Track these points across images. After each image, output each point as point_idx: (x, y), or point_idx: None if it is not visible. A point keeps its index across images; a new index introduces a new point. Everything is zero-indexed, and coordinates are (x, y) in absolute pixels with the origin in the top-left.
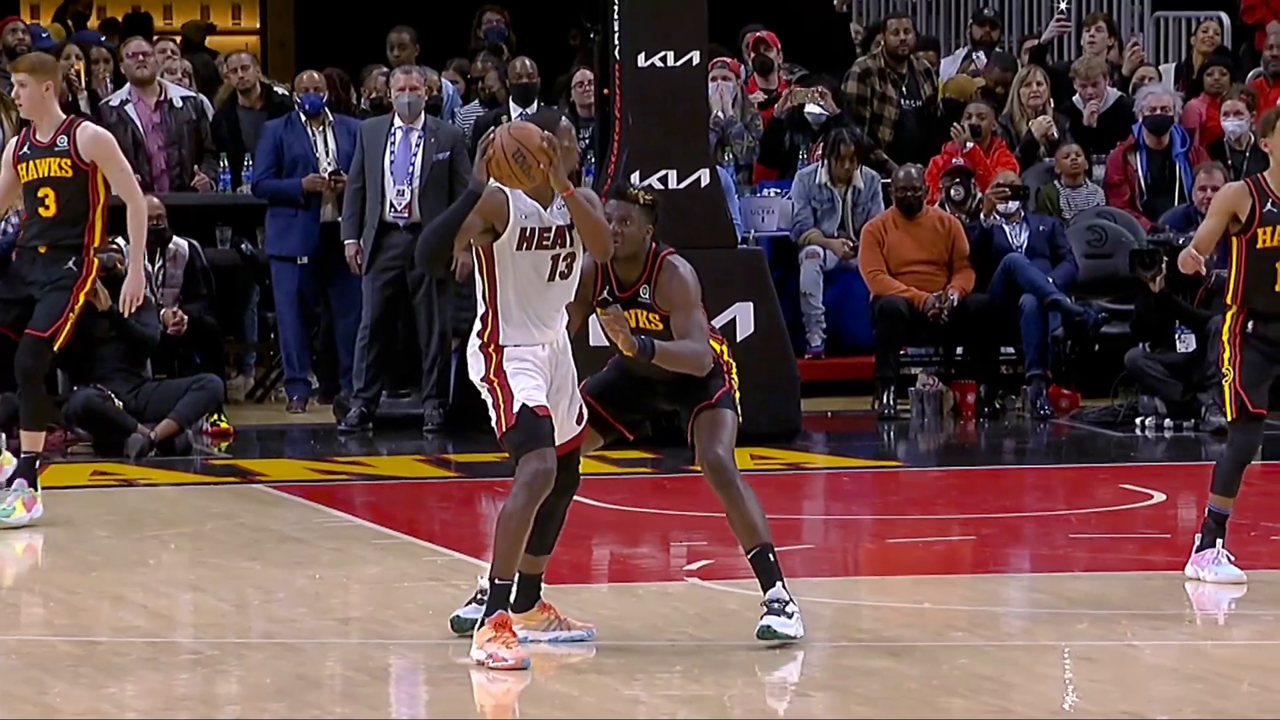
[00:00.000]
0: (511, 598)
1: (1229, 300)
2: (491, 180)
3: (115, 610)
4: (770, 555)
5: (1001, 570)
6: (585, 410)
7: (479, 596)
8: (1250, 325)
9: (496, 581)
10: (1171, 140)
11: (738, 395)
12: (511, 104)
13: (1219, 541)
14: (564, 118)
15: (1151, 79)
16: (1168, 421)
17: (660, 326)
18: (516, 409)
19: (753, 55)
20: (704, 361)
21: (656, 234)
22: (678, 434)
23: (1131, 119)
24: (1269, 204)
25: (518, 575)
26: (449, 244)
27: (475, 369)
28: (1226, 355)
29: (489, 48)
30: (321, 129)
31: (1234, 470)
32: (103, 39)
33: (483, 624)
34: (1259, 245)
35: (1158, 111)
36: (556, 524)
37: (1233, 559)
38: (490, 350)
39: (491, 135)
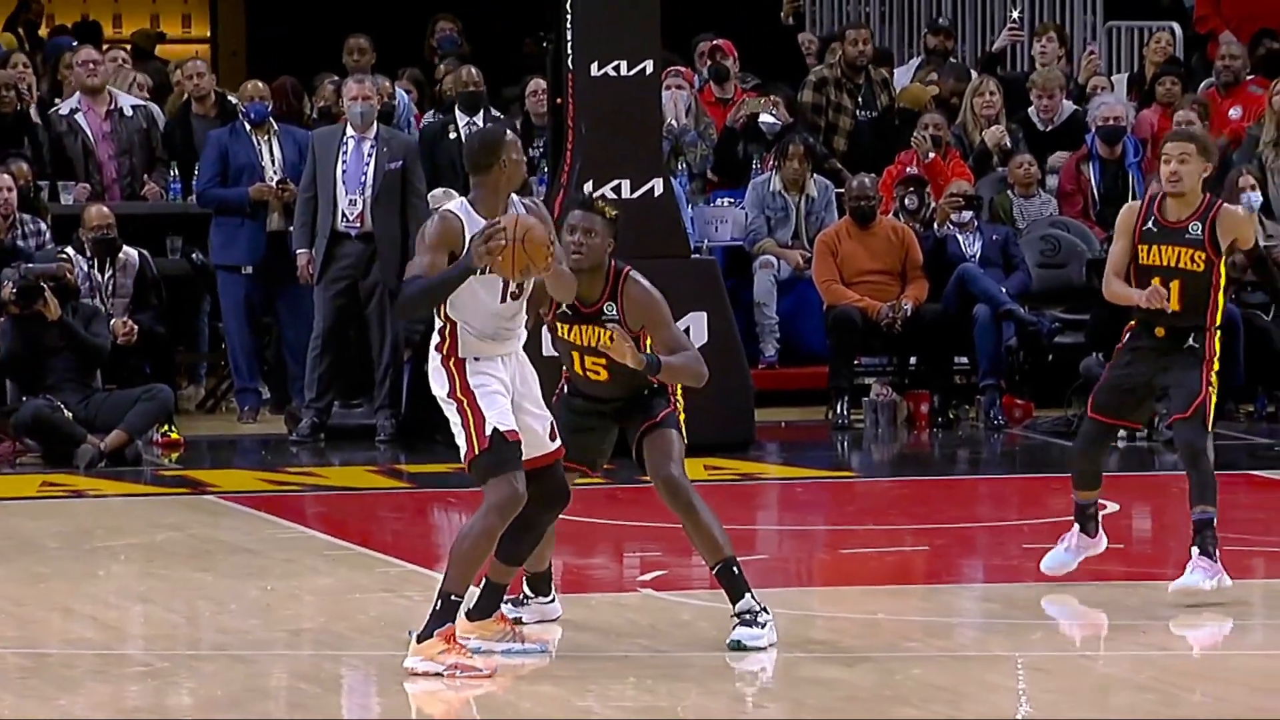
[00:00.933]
0: (460, 612)
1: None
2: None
3: (65, 622)
4: (735, 568)
5: (955, 581)
6: (555, 425)
7: (521, 597)
8: (1127, 335)
9: (451, 597)
10: (1124, 150)
11: (683, 416)
12: (459, 112)
13: (1073, 528)
14: (510, 130)
15: (1105, 89)
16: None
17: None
18: (489, 432)
19: (709, 64)
20: (703, 371)
21: (616, 250)
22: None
23: (1085, 129)
24: (1150, 222)
25: (485, 581)
26: (432, 308)
27: (438, 385)
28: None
29: (456, 55)
30: (267, 138)
31: (1076, 462)
32: (75, 43)
33: (429, 635)
34: (1140, 261)
35: (1110, 122)
36: (534, 537)
37: (1070, 552)
38: (451, 365)
39: (499, 227)
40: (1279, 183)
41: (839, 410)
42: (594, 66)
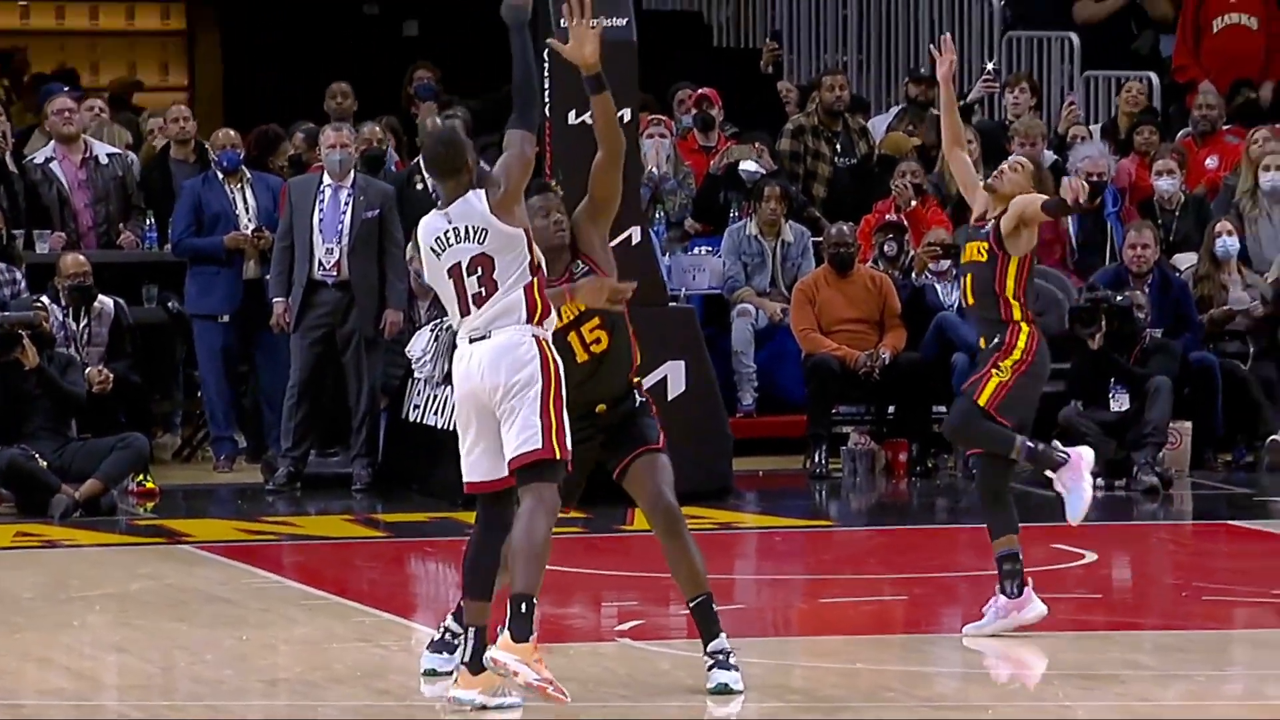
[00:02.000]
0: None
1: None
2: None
3: (40, 673)
4: (713, 605)
5: (934, 630)
6: None
7: (445, 636)
8: None
9: (533, 600)
10: (1103, 200)
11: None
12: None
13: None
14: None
15: (1084, 139)
16: (1099, 480)
17: None
18: (568, 450)
19: (695, 112)
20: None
21: None
22: (608, 493)
23: (1064, 176)
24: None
25: (474, 630)
26: None
27: (524, 362)
28: None
29: (434, 103)
30: (240, 186)
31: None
32: (66, 89)
33: (525, 639)
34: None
35: (1094, 178)
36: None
37: (992, 614)
38: (544, 342)
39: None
40: (1256, 232)
41: (817, 459)
42: (571, 114)
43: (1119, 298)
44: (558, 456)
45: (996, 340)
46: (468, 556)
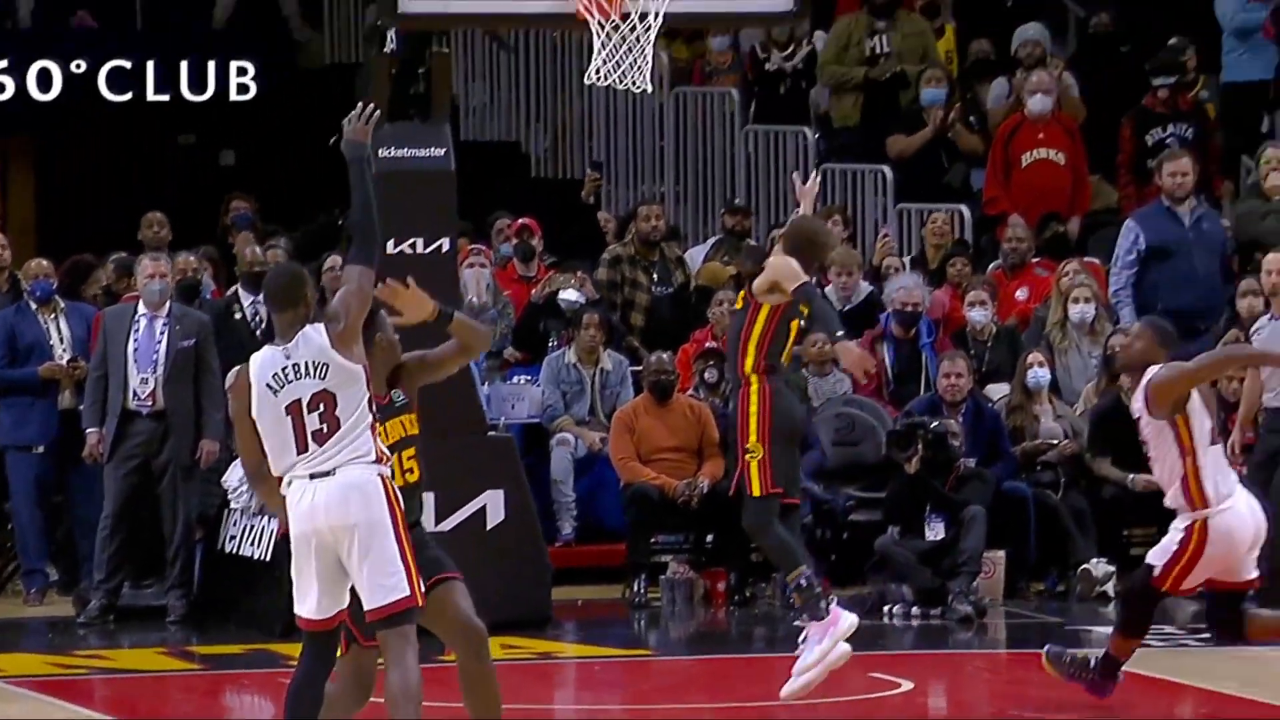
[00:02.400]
0: None
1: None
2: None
3: None
4: None
5: None
6: None
7: None
8: None
9: None
10: (918, 331)
11: None
12: (243, 291)
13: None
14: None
15: (899, 270)
16: (915, 609)
17: (417, 429)
18: (424, 594)
19: (516, 242)
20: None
21: None
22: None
23: (880, 308)
24: None
25: None
26: None
27: (378, 506)
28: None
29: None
30: (53, 316)
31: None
32: None
33: None
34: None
35: (909, 307)
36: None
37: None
38: (388, 481)
39: None
40: (1066, 363)
41: (636, 588)
42: (390, 244)
43: (934, 423)
44: (419, 604)
45: (731, 405)
46: (291, 688)
